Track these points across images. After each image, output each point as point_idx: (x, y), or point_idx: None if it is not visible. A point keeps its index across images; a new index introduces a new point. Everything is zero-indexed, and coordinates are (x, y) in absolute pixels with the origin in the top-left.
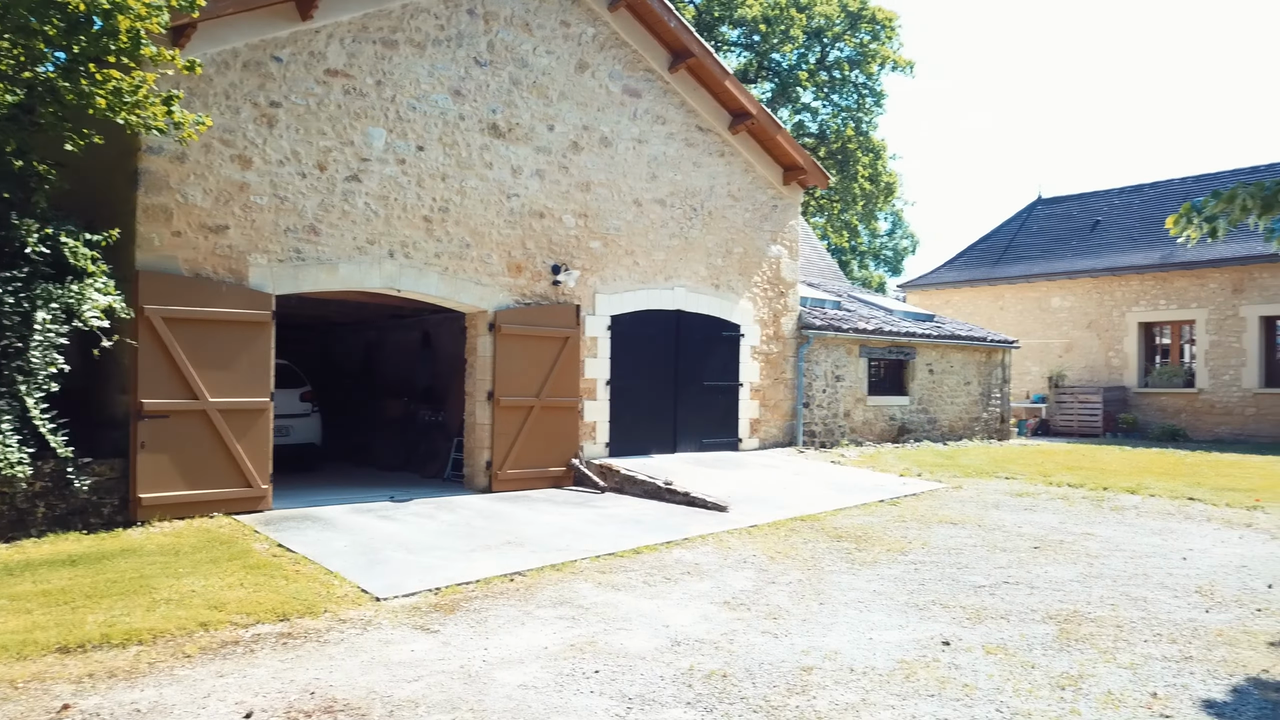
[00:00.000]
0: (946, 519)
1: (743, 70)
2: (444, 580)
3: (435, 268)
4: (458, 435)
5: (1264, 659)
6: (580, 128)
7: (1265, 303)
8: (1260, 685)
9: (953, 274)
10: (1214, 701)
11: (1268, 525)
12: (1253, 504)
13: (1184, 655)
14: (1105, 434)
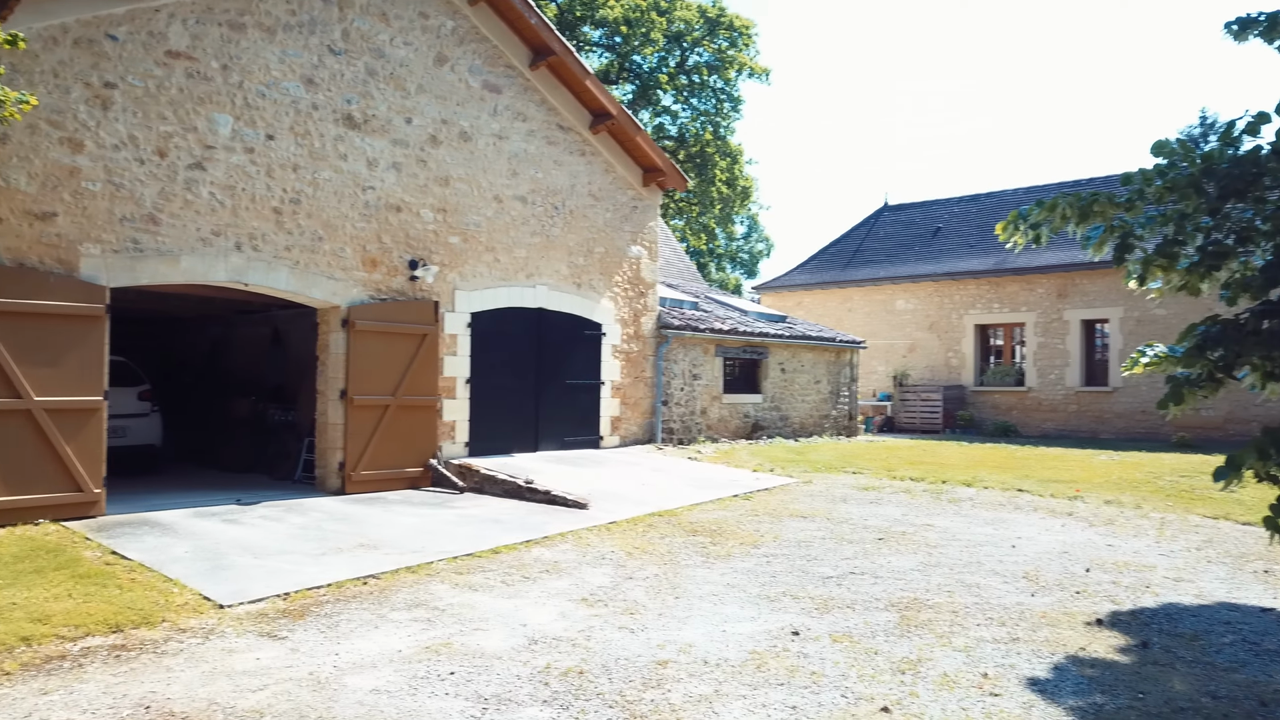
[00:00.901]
0: (797, 513)
1: (604, 71)
2: (293, 585)
3: (286, 261)
4: (309, 435)
5: (1082, 637)
6: (439, 121)
7: (1086, 307)
8: (1078, 662)
9: (804, 277)
10: (1038, 679)
11: (1086, 514)
12: (1074, 494)
13: (1012, 637)
14: (945, 430)
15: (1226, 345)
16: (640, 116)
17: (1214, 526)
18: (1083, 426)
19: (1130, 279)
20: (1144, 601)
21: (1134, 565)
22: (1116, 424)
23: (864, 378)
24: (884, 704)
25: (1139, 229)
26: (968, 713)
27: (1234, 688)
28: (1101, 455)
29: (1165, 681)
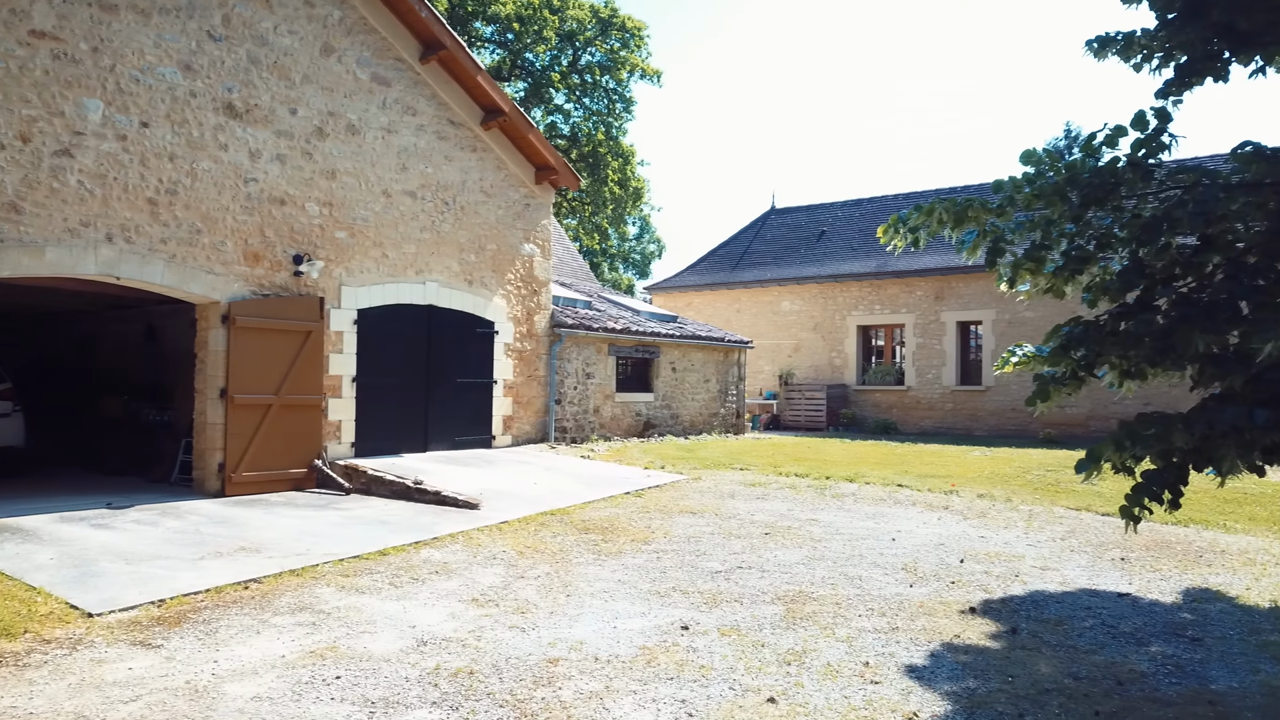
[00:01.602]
0: (687, 509)
1: (496, 67)
2: (169, 591)
3: (161, 254)
4: (187, 436)
5: (956, 626)
6: (326, 113)
7: (961, 309)
8: (953, 649)
9: (695, 278)
10: (915, 666)
11: (961, 508)
12: (949, 489)
13: (892, 627)
14: (829, 428)
15: (1088, 345)
16: (533, 114)
17: (1077, 518)
18: (958, 424)
19: (1001, 282)
20: (1013, 590)
21: (1004, 556)
22: (989, 421)
23: (751, 377)
24: (770, 695)
25: (1009, 234)
26: (850, 701)
27: (1094, 669)
28: (975, 451)
29: (1032, 665)
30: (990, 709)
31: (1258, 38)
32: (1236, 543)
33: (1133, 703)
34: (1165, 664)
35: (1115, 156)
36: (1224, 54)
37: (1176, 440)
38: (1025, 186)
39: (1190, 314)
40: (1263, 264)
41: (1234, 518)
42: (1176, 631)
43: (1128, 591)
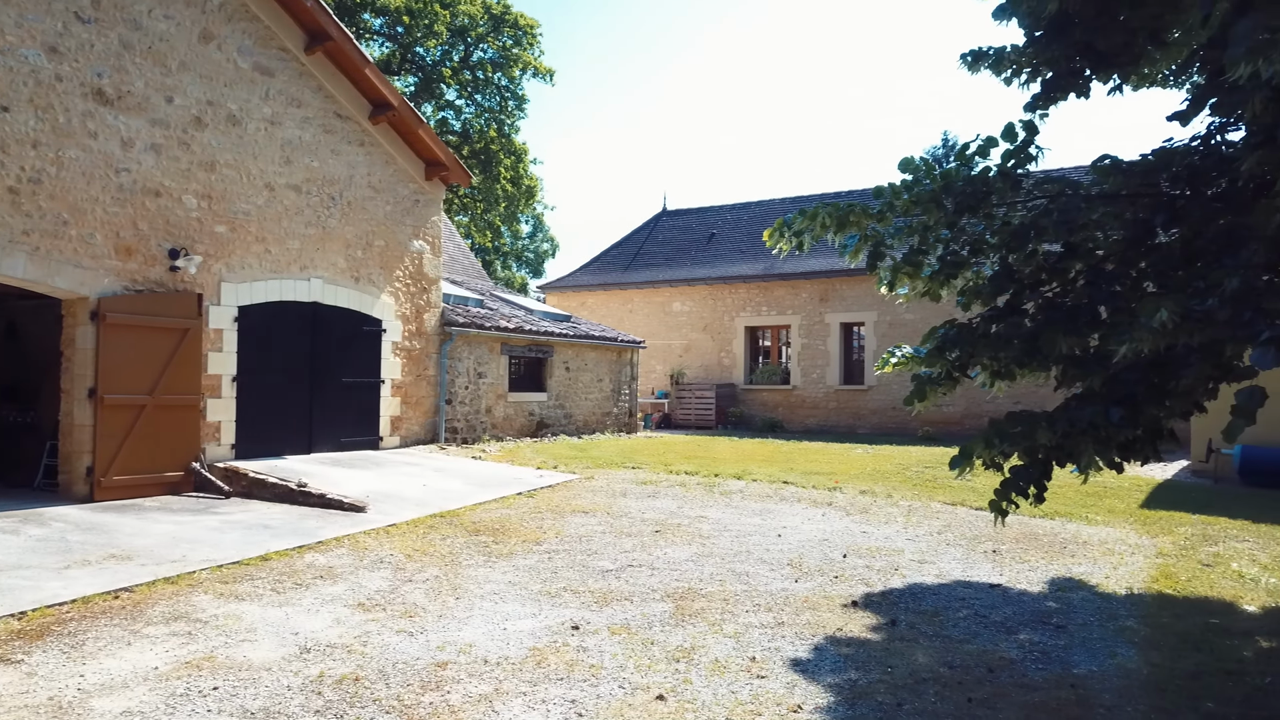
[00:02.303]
0: (579, 508)
1: (385, 61)
2: (30, 603)
3: (23, 246)
4: (52, 438)
5: (839, 619)
6: (204, 102)
7: (845, 311)
8: (836, 642)
9: (588, 277)
10: (800, 660)
11: (844, 504)
12: (833, 485)
13: (778, 622)
14: (718, 426)
15: (961, 347)
16: (423, 110)
17: (952, 512)
18: (841, 422)
19: (881, 284)
20: (893, 583)
21: (885, 550)
22: (871, 420)
23: (644, 376)
24: (659, 692)
25: (889, 239)
26: (737, 696)
27: (967, 657)
28: (858, 449)
29: (910, 655)
30: (871, 699)
31: (1115, 58)
32: (1097, 534)
33: (1003, 689)
34: (1033, 651)
35: (987, 166)
36: (1085, 71)
37: (1041, 438)
38: (904, 193)
39: (1055, 318)
40: (1119, 271)
41: (1095, 510)
42: (1043, 620)
43: (999, 583)
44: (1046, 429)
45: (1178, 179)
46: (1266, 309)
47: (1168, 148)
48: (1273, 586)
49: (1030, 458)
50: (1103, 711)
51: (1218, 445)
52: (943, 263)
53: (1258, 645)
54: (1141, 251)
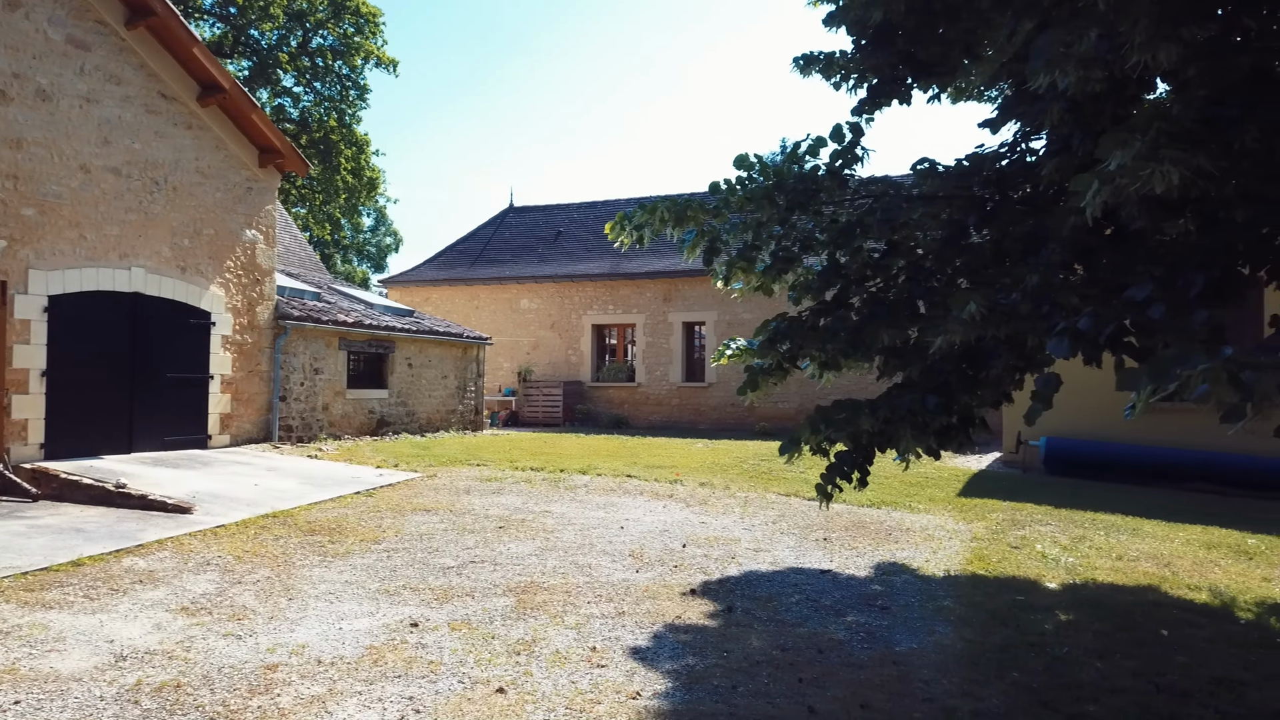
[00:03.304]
0: (420, 506)
1: (217, 42)
2: None
3: None
4: None
5: (678, 607)
6: (10, 75)
7: (687, 310)
8: (675, 629)
9: (433, 272)
10: (640, 648)
11: (684, 496)
12: (674, 479)
13: (619, 612)
14: (565, 423)
15: (792, 339)
16: (258, 95)
17: (786, 502)
18: (684, 418)
19: (717, 279)
20: (730, 571)
21: (723, 539)
22: (712, 416)
23: (490, 374)
24: (500, 686)
25: (725, 234)
26: (577, 685)
27: (799, 640)
28: (699, 444)
29: (745, 640)
30: (707, 683)
31: (934, 68)
32: (919, 521)
33: (831, 668)
34: (859, 632)
35: (816, 165)
36: (908, 80)
37: (864, 424)
38: (738, 189)
39: (878, 312)
40: (937, 268)
41: (918, 499)
42: (869, 602)
43: (829, 568)
44: (869, 416)
45: (988, 183)
46: (1062, 303)
47: (980, 153)
48: (1071, 565)
49: (854, 443)
50: (921, 685)
51: (1026, 438)
52: (775, 258)
53: (1057, 619)
54: (957, 250)
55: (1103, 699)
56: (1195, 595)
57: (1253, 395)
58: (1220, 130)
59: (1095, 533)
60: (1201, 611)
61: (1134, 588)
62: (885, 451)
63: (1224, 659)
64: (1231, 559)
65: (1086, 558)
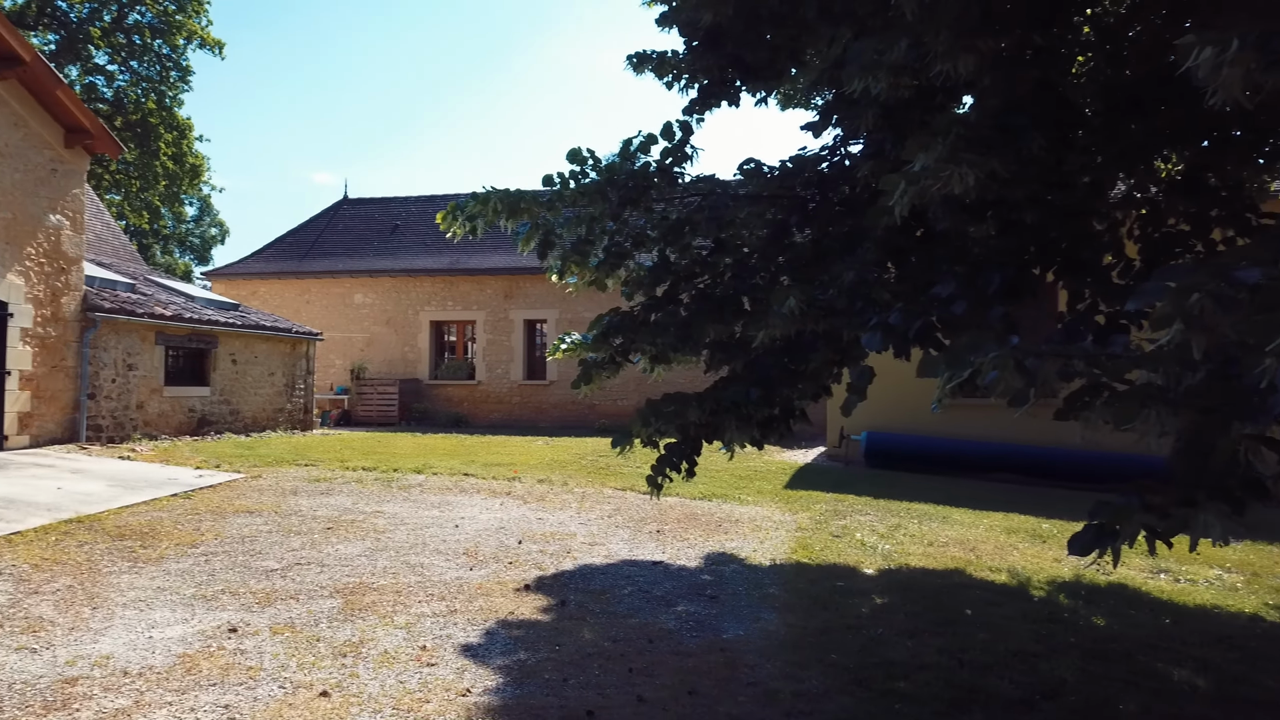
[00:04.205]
0: (243, 508)
1: (18, 13)
2: None
3: None
4: None
5: (511, 604)
6: None
7: (528, 308)
8: (508, 625)
9: (260, 265)
10: (471, 645)
11: (522, 493)
12: (512, 476)
13: (451, 610)
14: (401, 422)
15: (624, 333)
16: (66, 71)
17: (622, 497)
18: (525, 416)
19: (552, 273)
20: (565, 566)
21: (559, 535)
22: (553, 414)
23: (322, 371)
24: (324, 689)
25: (559, 228)
26: (405, 685)
27: (630, 631)
28: (539, 441)
29: (578, 633)
30: (539, 677)
31: (762, 72)
32: (748, 512)
33: (660, 657)
34: (689, 621)
35: (648, 162)
36: (737, 82)
37: (691, 416)
38: (572, 183)
39: (705, 307)
40: (761, 265)
41: (747, 492)
42: (699, 592)
43: (661, 560)
44: (696, 408)
45: (810, 184)
46: (875, 300)
47: (802, 156)
48: (887, 552)
49: (683, 435)
50: (746, 670)
51: (849, 432)
52: (608, 254)
53: (873, 602)
54: (780, 248)
55: (912, 675)
56: (996, 576)
57: (1035, 380)
58: (1012, 137)
59: (910, 521)
60: (1001, 591)
61: (943, 571)
62: (712, 443)
63: (1020, 634)
64: (1028, 542)
65: (901, 544)
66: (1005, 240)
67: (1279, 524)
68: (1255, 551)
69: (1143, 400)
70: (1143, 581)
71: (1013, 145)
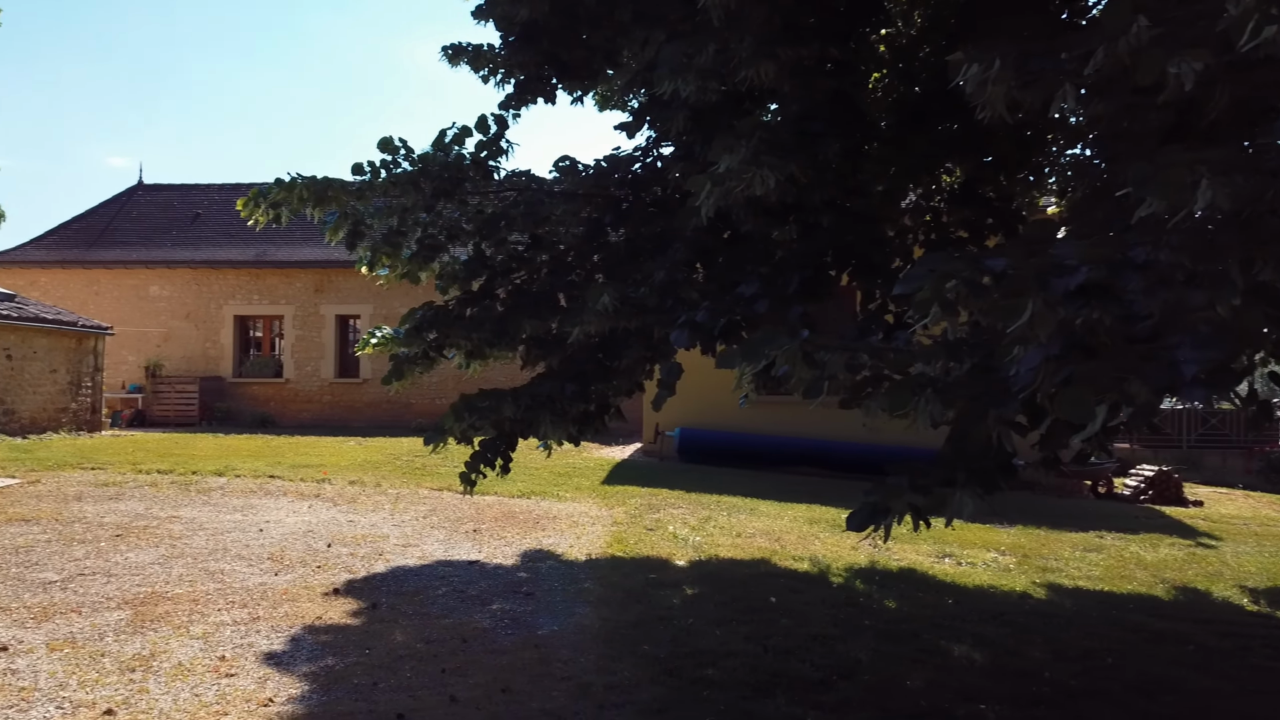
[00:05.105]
0: (18, 516)
1: None
2: None
3: None
4: None
5: (319, 608)
6: None
7: (341, 303)
8: (315, 631)
9: (42, 253)
10: (275, 653)
11: (333, 494)
12: (322, 477)
13: (253, 617)
14: (202, 422)
15: (438, 328)
16: None
17: (439, 497)
18: (337, 416)
19: (362, 264)
20: (377, 568)
21: (371, 537)
22: (367, 413)
23: (113, 368)
24: (108, 707)
25: (370, 218)
26: (201, 698)
27: (444, 631)
28: (351, 441)
29: (389, 635)
30: (347, 682)
31: (578, 71)
32: (565, 509)
33: (475, 656)
34: (504, 619)
35: (463, 154)
36: (553, 80)
37: (506, 411)
38: (383, 172)
39: (522, 303)
40: (577, 262)
41: (565, 488)
42: (515, 589)
43: (478, 559)
44: (512, 403)
45: (624, 184)
46: (684, 298)
47: (617, 156)
48: (698, 544)
49: (498, 431)
50: (560, 665)
51: (664, 428)
52: (421, 246)
53: (685, 593)
54: (595, 246)
55: (720, 663)
56: (799, 565)
57: (825, 372)
58: (810, 142)
59: (720, 513)
60: (804, 579)
61: (750, 561)
62: (529, 439)
63: (819, 619)
64: (829, 532)
65: (711, 536)
66: (805, 243)
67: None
68: (1026, 535)
69: (915, 389)
70: (930, 566)
71: (811, 151)
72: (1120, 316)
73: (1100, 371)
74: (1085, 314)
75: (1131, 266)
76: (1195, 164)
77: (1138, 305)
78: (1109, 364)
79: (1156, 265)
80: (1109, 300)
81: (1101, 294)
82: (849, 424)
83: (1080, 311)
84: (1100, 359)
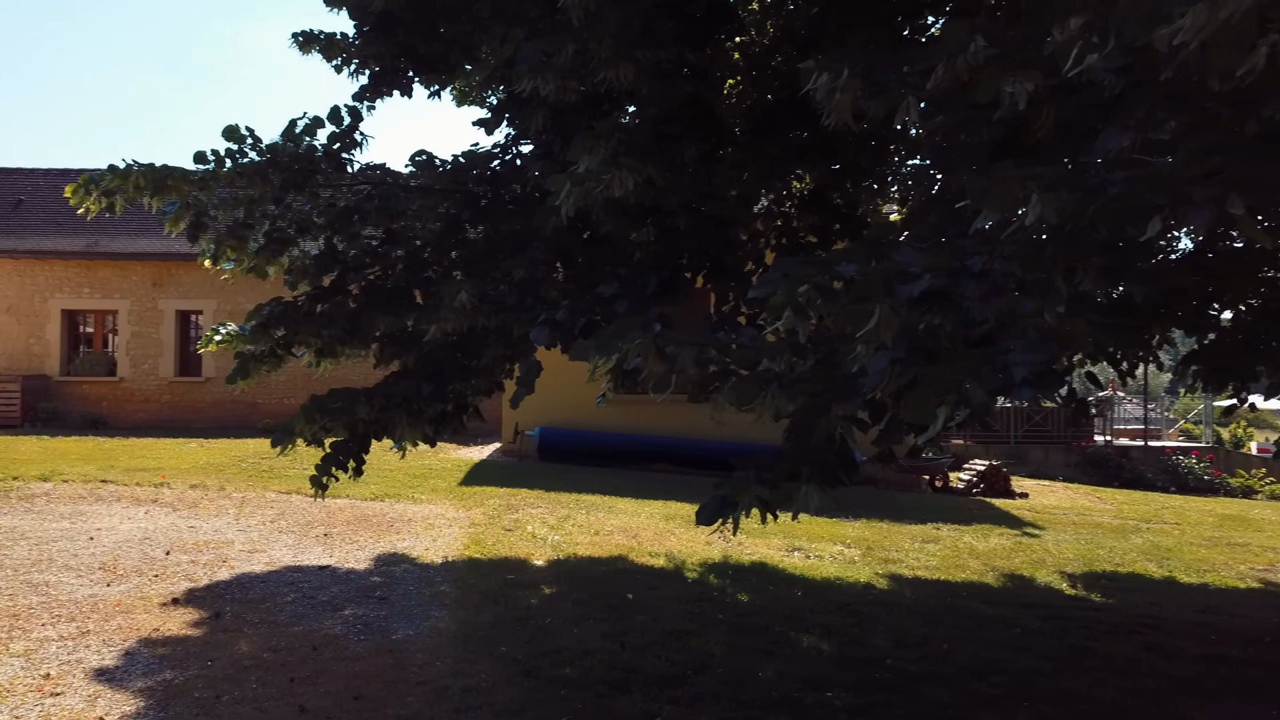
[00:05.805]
0: None
1: None
2: None
3: None
4: None
5: (157, 620)
6: None
7: (181, 298)
8: (151, 644)
9: None
10: (107, 669)
11: (171, 499)
12: (159, 481)
13: (82, 631)
14: (25, 424)
15: (287, 324)
16: None
17: (287, 500)
18: (177, 417)
19: (205, 258)
20: (220, 575)
21: (214, 543)
22: (210, 414)
23: None
24: None
25: (214, 209)
26: None
27: (293, 639)
28: (193, 443)
29: (233, 646)
30: (187, 696)
31: (435, 64)
32: (422, 511)
33: (326, 664)
34: (356, 624)
35: (314, 145)
36: (410, 73)
37: (360, 412)
38: (228, 161)
39: (376, 299)
40: (435, 259)
41: (421, 490)
42: (368, 594)
43: (329, 564)
44: (365, 404)
45: (483, 180)
46: (544, 297)
47: (475, 152)
48: (556, 543)
49: (351, 432)
50: (415, 670)
51: (523, 428)
52: (269, 239)
53: (543, 593)
54: (453, 243)
55: (578, 661)
56: (655, 561)
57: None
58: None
59: (578, 512)
60: (660, 575)
61: (608, 558)
62: (383, 440)
63: (675, 614)
64: (684, 528)
65: (570, 535)
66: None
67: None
68: (870, 528)
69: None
70: (780, 559)
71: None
72: (958, 321)
73: (941, 375)
74: (927, 319)
75: (969, 274)
76: (1027, 179)
77: (974, 311)
78: (949, 367)
79: (991, 274)
80: (949, 306)
81: (942, 300)
82: (706, 422)
83: (923, 317)
84: (940, 362)
